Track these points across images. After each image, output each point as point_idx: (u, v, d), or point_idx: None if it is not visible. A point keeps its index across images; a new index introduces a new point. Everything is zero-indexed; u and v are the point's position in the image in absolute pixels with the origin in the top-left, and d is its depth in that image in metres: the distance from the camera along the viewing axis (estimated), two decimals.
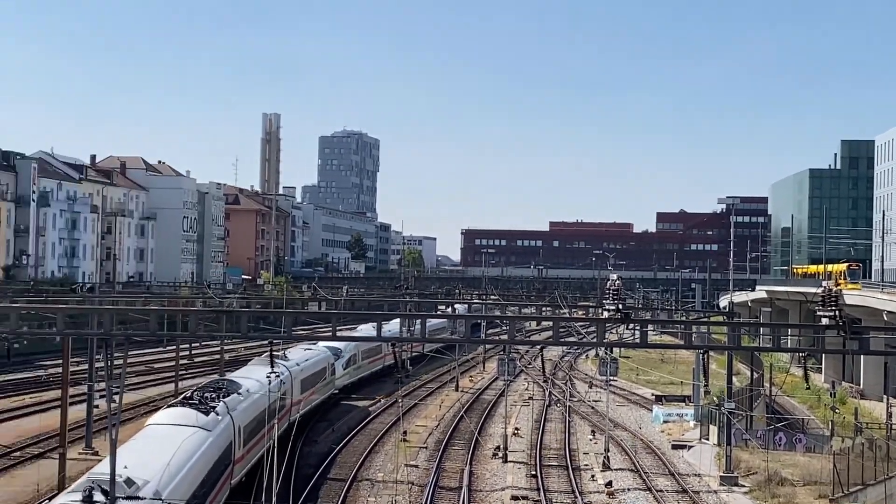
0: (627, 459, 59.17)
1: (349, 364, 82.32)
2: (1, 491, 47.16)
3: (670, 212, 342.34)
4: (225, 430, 40.67)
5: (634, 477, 54.44)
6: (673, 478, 54.65)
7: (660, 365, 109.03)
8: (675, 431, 70.08)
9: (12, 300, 71.38)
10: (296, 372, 61.38)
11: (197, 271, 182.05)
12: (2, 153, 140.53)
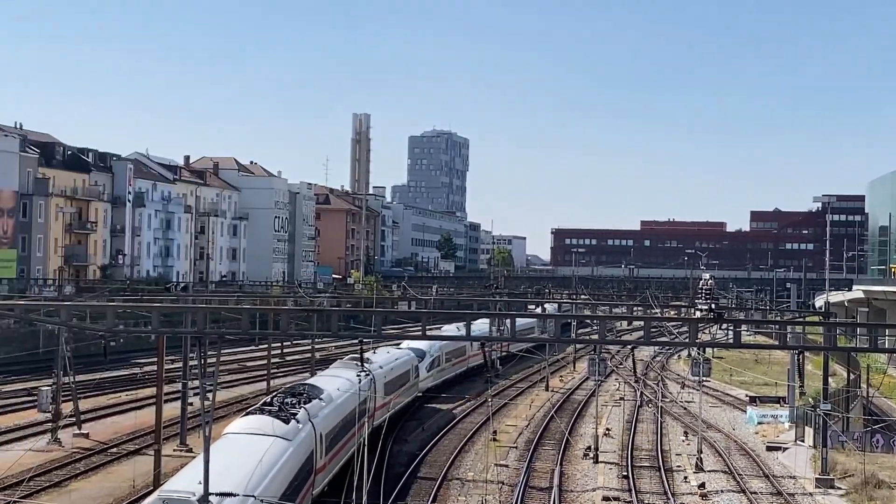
0: (721, 461, 58.59)
1: (433, 366, 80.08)
2: (98, 487, 47.99)
3: (765, 210, 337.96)
4: (306, 439, 39.27)
5: (728, 479, 53.89)
6: (767, 480, 54.00)
7: (754, 366, 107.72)
8: (770, 433, 69.23)
9: (109, 299, 72.55)
10: (379, 375, 59.45)
11: (288, 271, 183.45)
12: (99, 155, 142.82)
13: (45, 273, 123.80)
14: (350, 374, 53.97)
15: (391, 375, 63.48)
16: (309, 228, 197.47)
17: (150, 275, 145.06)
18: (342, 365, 58.69)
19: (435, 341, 77.42)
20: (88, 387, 74.16)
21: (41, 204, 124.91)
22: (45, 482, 48.27)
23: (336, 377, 53.03)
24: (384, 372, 61.40)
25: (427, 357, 78.21)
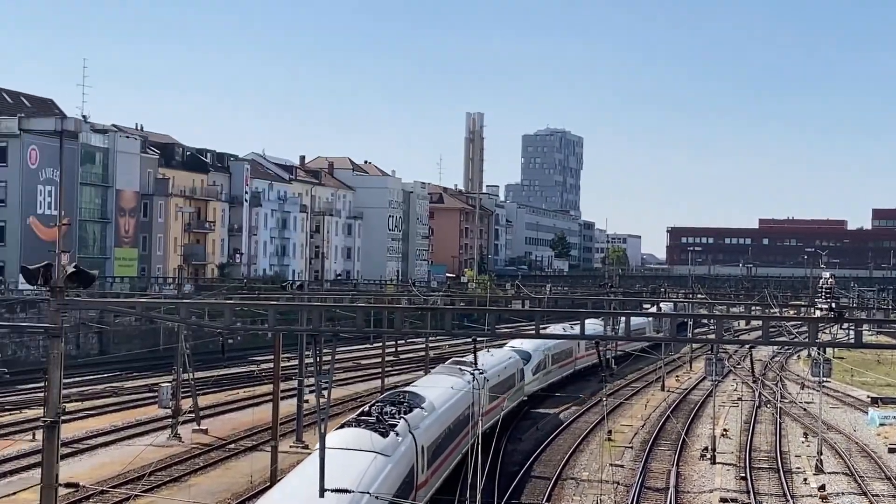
0: (841, 463, 57.52)
1: (539, 369, 75.93)
2: (216, 482, 48.74)
3: (888, 208, 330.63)
4: (406, 453, 36.24)
5: (849, 481, 52.91)
6: (890, 482, 52.85)
7: (876, 366, 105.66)
8: (892, 435, 67.75)
9: (226, 297, 73.62)
10: (482, 380, 54.51)
11: (402, 269, 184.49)
12: (217, 155, 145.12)
13: (164, 271, 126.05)
14: (454, 380, 51.04)
15: (496, 380, 59.38)
16: (423, 227, 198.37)
17: (267, 273, 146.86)
18: (445, 369, 55.31)
19: (540, 343, 75.40)
20: (207, 383, 75.25)
21: (161, 204, 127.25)
22: (165, 477, 49.14)
23: (439, 383, 49.86)
24: (488, 377, 56.86)
25: (532, 359, 74.19)
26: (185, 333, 64.40)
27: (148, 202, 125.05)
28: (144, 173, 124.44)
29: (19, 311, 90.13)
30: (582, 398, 78.54)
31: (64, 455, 38.45)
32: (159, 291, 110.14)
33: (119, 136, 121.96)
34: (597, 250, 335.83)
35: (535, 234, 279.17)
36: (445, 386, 48.79)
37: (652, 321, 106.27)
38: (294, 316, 44.55)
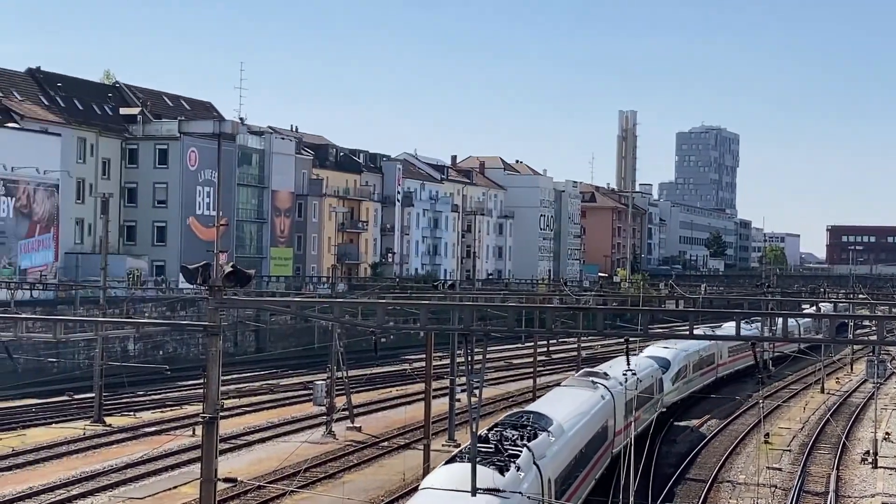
0: None
1: (678, 377, 68.98)
2: (370, 479, 49.34)
3: None
4: (530, 491, 30.47)
5: None
6: None
7: None
8: None
9: (379, 296, 74.52)
10: (619, 393, 49.09)
11: (553, 268, 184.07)
12: (369, 156, 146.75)
13: (318, 270, 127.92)
14: (586, 395, 45.90)
15: (632, 393, 51.83)
16: (574, 226, 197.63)
17: (419, 272, 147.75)
18: (576, 382, 50.06)
19: (680, 350, 70.42)
20: (360, 381, 76.16)
21: (315, 204, 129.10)
22: (320, 473, 49.87)
23: (568, 399, 44.52)
24: (623, 390, 50.17)
25: (672, 367, 67.52)
26: (338, 332, 65.31)
27: (302, 202, 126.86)
28: (299, 174, 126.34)
29: (179, 309, 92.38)
30: (739, 399, 77.26)
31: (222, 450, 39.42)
32: (314, 290, 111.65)
33: (274, 137, 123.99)
34: (754, 249, 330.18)
35: (689, 233, 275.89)
36: (575, 403, 43.54)
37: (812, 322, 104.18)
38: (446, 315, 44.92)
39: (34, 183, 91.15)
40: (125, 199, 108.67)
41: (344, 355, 65.05)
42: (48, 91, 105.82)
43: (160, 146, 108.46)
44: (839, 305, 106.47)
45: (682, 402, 70.83)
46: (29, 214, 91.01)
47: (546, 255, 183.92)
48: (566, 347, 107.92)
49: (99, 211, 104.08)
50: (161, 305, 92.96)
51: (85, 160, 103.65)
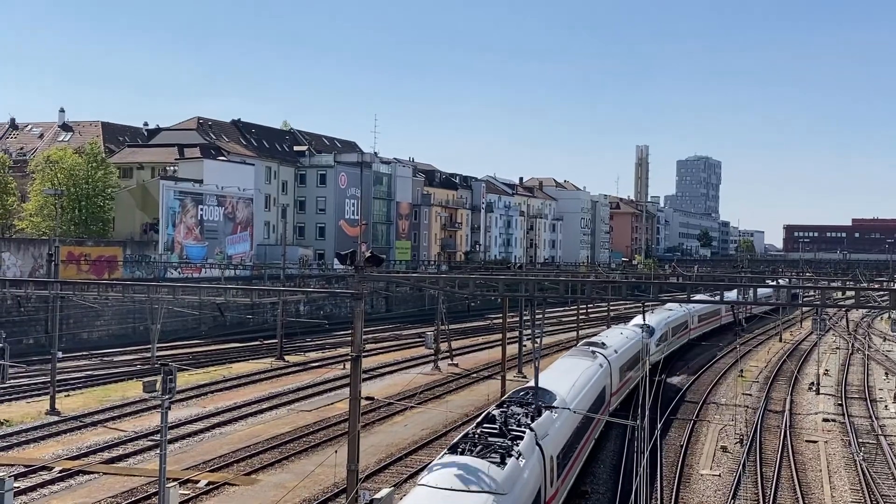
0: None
1: (661, 341, 61.02)
2: (464, 399, 49.43)
3: None
4: (530, 477, 21.87)
5: None
6: None
7: None
8: None
9: (470, 273, 74.60)
10: (614, 360, 42.32)
11: (590, 255, 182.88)
12: (463, 177, 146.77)
13: (428, 257, 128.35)
14: (585, 364, 37.70)
15: (625, 358, 45.79)
16: (604, 226, 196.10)
17: (497, 257, 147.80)
18: (577, 352, 41.59)
19: (662, 318, 63.01)
20: (457, 332, 76.39)
21: (426, 211, 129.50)
22: (430, 395, 50.14)
23: (571, 369, 36.10)
24: (619, 357, 43.90)
25: (656, 333, 59.64)
26: (442, 298, 65.53)
27: (417, 210, 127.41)
28: (415, 190, 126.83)
29: (334, 282, 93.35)
30: (722, 346, 76.02)
31: (364, 379, 39.78)
32: (425, 270, 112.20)
33: (398, 165, 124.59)
34: (731, 242, 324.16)
35: (685, 231, 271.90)
36: (576, 373, 35.09)
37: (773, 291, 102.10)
38: (516, 287, 44.90)
39: (236, 197, 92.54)
40: (297, 208, 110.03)
41: (446, 314, 65.25)
42: (245, 135, 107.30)
43: (321, 172, 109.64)
44: (792, 281, 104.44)
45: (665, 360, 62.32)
46: (233, 218, 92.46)
47: (585, 246, 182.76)
48: (600, 308, 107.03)
49: (280, 216, 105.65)
50: (322, 280, 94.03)
51: (270, 182, 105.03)
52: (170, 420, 26.92)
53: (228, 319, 78.80)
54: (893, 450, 38.94)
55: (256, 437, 38.35)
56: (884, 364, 68.50)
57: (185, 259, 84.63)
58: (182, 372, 46.85)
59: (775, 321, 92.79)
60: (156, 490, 27.42)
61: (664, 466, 34.56)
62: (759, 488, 31.83)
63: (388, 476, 32.87)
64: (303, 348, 69.24)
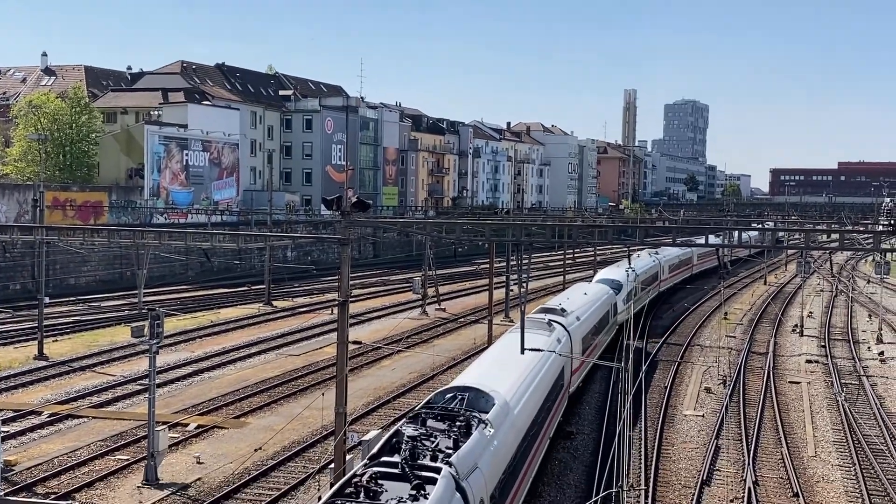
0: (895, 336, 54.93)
1: (630, 298, 52.65)
2: (451, 343, 49.76)
3: None
4: None
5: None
6: None
7: None
8: None
9: (457, 219, 74.56)
10: (575, 330, 33.99)
11: (577, 200, 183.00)
12: (450, 122, 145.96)
13: (415, 202, 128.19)
14: (542, 339, 28.92)
15: (589, 324, 38.01)
16: (592, 171, 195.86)
17: (484, 203, 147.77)
18: (531, 324, 29.99)
19: (630, 271, 55.51)
20: (444, 277, 76.57)
21: (413, 157, 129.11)
22: (417, 339, 50.43)
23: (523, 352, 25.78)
24: (581, 324, 35.89)
25: (624, 289, 51.90)
26: (429, 243, 65.54)
27: (404, 155, 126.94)
28: (401, 136, 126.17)
29: (321, 228, 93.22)
30: (706, 289, 76.29)
31: (351, 324, 39.93)
32: (412, 215, 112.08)
33: (385, 110, 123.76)
34: (718, 186, 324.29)
35: (672, 175, 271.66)
36: (527, 359, 25.73)
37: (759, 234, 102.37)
38: (503, 232, 44.93)
39: (222, 142, 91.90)
40: (284, 153, 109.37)
41: (433, 259, 65.32)
42: (230, 79, 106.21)
43: (307, 117, 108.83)
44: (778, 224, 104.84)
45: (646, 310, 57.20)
46: (219, 164, 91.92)
47: (572, 191, 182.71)
48: (586, 253, 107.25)
49: (266, 161, 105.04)
50: (309, 226, 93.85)
51: (256, 127, 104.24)
52: (158, 365, 27.03)
53: (215, 265, 78.72)
54: (875, 390, 39.48)
55: (245, 381, 38.57)
56: (867, 306, 69.13)
57: (170, 205, 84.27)
58: (170, 317, 46.85)
59: (760, 264, 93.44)
60: (145, 434, 27.62)
61: (648, 408, 34.95)
62: (741, 428, 32.27)
63: (376, 419, 33.17)
64: (290, 294, 69.32)
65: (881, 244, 40.21)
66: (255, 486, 25.74)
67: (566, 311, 35.34)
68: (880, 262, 66.93)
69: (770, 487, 26.34)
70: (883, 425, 33.39)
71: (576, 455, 29.02)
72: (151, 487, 25.17)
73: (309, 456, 28.53)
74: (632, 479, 26.40)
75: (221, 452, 28.59)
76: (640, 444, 29.87)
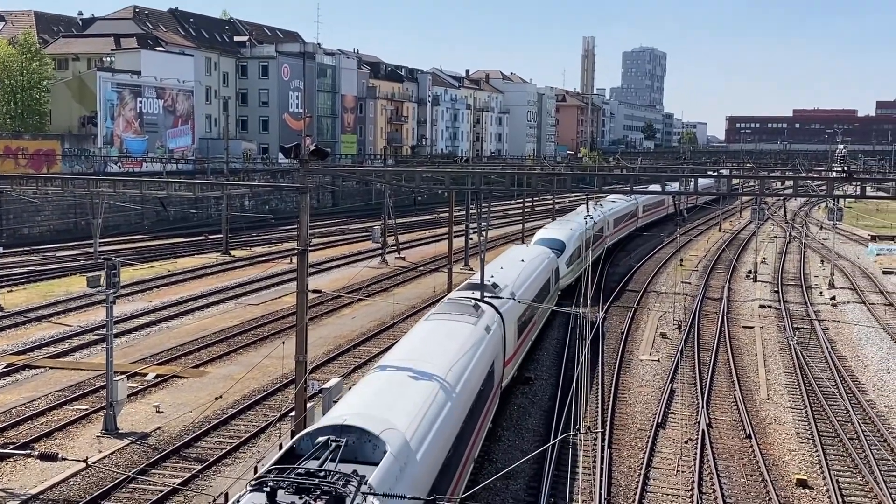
0: (847, 281, 55.91)
1: (573, 259, 47.38)
2: (411, 291, 49.86)
3: (887, 100, 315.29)
4: None
5: (852, 294, 51.49)
6: (882, 294, 51.27)
7: (875, 213, 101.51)
8: (885, 262, 65.33)
9: (416, 167, 74.25)
10: (509, 312, 27.44)
11: (536, 148, 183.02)
12: (408, 70, 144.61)
13: (374, 151, 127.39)
14: (462, 334, 22.10)
15: (528, 296, 31.32)
16: (551, 119, 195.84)
17: (443, 151, 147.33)
18: (453, 308, 24.73)
19: (576, 228, 50.51)
20: (404, 226, 76.46)
21: (371, 104, 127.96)
22: (377, 288, 50.49)
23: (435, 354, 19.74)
24: (516, 305, 29.03)
25: (566, 250, 46.43)
26: (388, 192, 65.29)
27: (362, 103, 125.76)
28: (360, 83, 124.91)
29: (279, 177, 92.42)
30: (663, 236, 76.97)
31: (311, 273, 39.78)
32: (371, 164, 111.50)
33: (342, 56, 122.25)
34: (675, 133, 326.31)
35: (630, 123, 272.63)
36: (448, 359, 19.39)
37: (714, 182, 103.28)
38: (463, 180, 44.88)
39: (176, 89, 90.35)
40: (239, 100, 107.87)
41: (392, 208, 65.14)
42: (184, 25, 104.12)
43: (263, 63, 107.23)
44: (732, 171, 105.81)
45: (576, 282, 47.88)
46: (173, 111, 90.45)
47: (531, 139, 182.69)
48: (545, 201, 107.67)
49: (221, 109, 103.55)
50: (266, 174, 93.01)
51: (211, 73, 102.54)
52: (115, 315, 26.81)
53: (172, 214, 77.81)
54: (826, 334, 40.33)
55: (204, 331, 38.40)
56: (819, 252, 70.32)
57: (125, 153, 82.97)
58: (126, 267, 46.47)
59: (715, 211, 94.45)
60: (103, 384, 27.47)
61: (605, 353, 35.41)
62: (696, 372, 32.85)
63: (337, 366, 33.28)
64: (248, 243, 68.85)
65: (834, 191, 40.78)
66: (215, 435, 25.77)
67: (498, 286, 29.08)
68: (833, 209, 67.99)
69: (723, 429, 26.92)
70: (833, 368, 34.17)
71: (534, 400, 29.38)
72: (111, 437, 25.10)
73: (270, 404, 28.59)
74: (589, 423, 26.84)
75: (181, 402, 28.54)
76: (598, 389, 30.31)
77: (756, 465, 23.92)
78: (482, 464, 22.78)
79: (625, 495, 21.75)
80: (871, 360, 35.72)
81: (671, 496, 21.82)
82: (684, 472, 23.35)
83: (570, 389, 28.91)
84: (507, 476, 21.50)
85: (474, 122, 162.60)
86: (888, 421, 28.14)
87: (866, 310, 46.45)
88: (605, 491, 21.62)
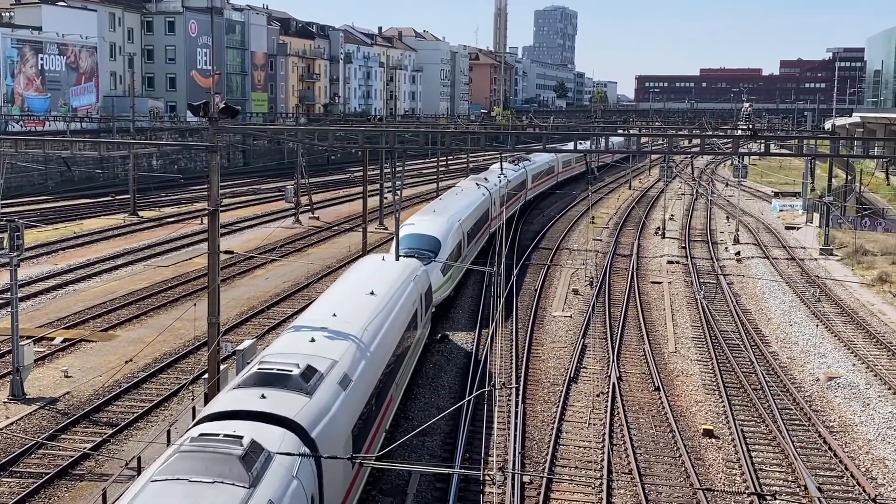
0: (752, 237, 57.64)
1: (446, 269, 33.89)
2: (325, 251, 49.63)
3: (790, 59, 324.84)
4: None
5: (756, 248, 53.12)
6: (785, 249, 53.07)
7: (778, 170, 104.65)
8: (788, 218, 67.64)
9: (329, 125, 73.44)
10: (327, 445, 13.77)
11: (450, 107, 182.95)
12: (320, 26, 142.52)
13: (286, 109, 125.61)
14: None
15: (359, 399, 16.79)
16: (464, 77, 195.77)
17: (357, 110, 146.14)
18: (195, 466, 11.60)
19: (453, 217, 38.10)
20: (318, 186, 75.80)
21: (282, 62, 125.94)
22: (291, 248, 50.07)
23: None
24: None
25: (442, 251, 34.20)
26: (301, 151, 64.53)
27: (273, 60, 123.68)
28: (270, 40, 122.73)
29: (187, 135, 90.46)
30: (576, 194, 77.99)
31: (222, 234, 39.19)
32: (283, 122, 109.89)
33: (251, 12, 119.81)
34: (586, 93, 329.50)
35: (542, 82, 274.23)
36: None
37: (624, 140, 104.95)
38: (377, 139, 44.57)
39: (79, 45, 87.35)
40: (145, 57, 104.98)
41: (305, 167, 64.48)
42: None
43: (169, 19, 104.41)
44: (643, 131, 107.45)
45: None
46: (76, 68, 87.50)
47: (445, 98, 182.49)
48: (460, 160, 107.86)
49: (127, 66, 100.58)
50: (175, 133, 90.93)
51: (115, 29, 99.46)
52: (19, 278, 25.99)
53: (76, 174, 75.58)
54: (732, 289, 41.55)
55: (112, 294, 37.56)
56: (725, 209, 72.25)
57: (26, 111, 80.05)
58: (30, 229, 45.00)
59: (626, 169, 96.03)
60: (9, 348, 26.70)
61: (519, 310, 35.85)
62: (607, 328, 33.53)
63: (251, 328, 32.96)
64: (157, 203, 67.42)
65: (739, 148, 41.82)
66: (126, 399, 25.33)
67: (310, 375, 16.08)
68: (738, 166, 69.84)
69: (633, 382, 27.60)
70: (738, 321, 35.27)
71: (450, 358, 29.63)
72: (18, 402, 24.46)
73: (182, 367, 28.19)
74: (503, 379, 27.21)
75: (90, 366, 27.94)
76: (512, 345, 30.71)
77: (664, 417, 24.61)
78: (398, 421, 22.93)
79: (538, 448, 22.17)
80: (775, 313, 36.97)
81: (583, 448, 22.33)
82: (595, 424, 23.89)
83: (484, 346, 29.22)
84: (423, 433, 21.69)
85: (387, 81, 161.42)
86: (790, 371, 29.24)
87: (770, 264, 47.96)
88: (520, 445, 22.00)
